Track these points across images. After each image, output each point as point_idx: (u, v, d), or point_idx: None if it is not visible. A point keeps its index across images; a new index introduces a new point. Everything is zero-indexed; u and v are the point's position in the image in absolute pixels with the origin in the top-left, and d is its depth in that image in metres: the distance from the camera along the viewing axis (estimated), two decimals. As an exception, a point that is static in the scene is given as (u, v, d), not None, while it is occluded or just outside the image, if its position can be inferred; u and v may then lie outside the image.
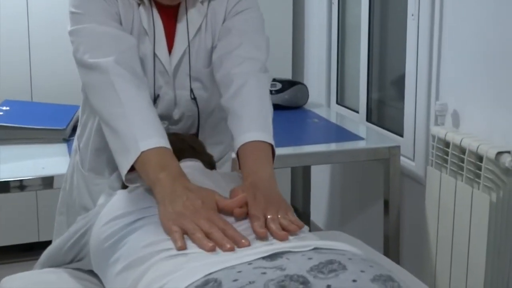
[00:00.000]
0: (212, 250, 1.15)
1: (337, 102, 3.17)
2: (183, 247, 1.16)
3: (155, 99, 1.58)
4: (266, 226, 1.22)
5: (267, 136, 1.45)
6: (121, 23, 1.53)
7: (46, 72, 3.02)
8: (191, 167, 1.46)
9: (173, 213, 1.24)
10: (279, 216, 1.25)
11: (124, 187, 1.46)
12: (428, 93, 2.38)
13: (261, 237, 1.18)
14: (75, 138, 1.81)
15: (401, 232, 2.53)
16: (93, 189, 1.70)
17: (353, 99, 3.06)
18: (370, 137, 2.59)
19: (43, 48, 3.00)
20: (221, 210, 1.27)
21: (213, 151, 1.65)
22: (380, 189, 2.58)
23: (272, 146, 1.45)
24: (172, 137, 1.57)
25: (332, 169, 3.22)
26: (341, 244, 1.15)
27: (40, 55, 3.02)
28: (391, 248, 2.49)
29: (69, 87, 2.99)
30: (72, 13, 1.53)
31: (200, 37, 1.59)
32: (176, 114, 1.62)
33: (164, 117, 1.61)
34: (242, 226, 1.23)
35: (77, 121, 2.51)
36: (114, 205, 1.36)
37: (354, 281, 0.97)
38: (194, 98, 1.61)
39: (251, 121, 1.46)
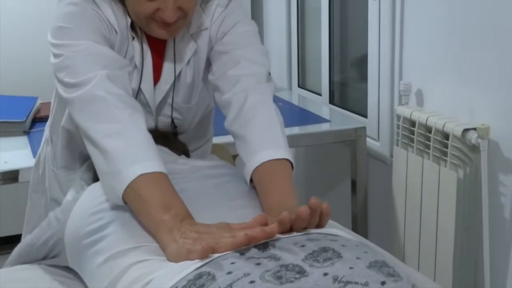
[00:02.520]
0: (245, 241, 1.03)
1: (298, 85, 3.16)
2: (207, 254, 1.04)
3: None
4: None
5: (279, 151, 1.31)
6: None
7: (1, 65, 2.94)
8: (161, 150, 1.43)
9: (188, 242, 1.08)
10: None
11: (96, 180, 1.43)
12: (392, 73, 2.39)
13: (285, 222, 1.08)
14: (47, 127, 1.75)
15: (368, 213, 2.55)
16: (64, 185, 1.66)
17: (315, 82, 3.05)
18: (335, 119, 2.59)
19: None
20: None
21: (189, 145, 1.64)
22: (346, 170, 2.59)
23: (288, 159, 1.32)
24: None
25: (296, 153, 3.22)
26: (332, 229, 1.14)
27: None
28: (359, 228, 2.50)
29: (26, 78, 2.92)
30: (60, 27, 1.41)
31: (189, 71, 1.54)
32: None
33: None
34: None
35: (36, 113, 2.47)
36: (89, 196, 1.32)
37: (350, 268, 0.97)
38: (175, 126, 1.58)
39: (258, 140, 1.32)
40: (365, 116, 2.60)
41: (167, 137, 1.53)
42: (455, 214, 2.01)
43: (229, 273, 0.97)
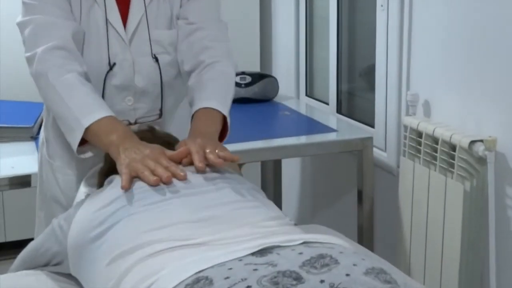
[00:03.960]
0: (156, 183, 1.31)
1: (306, 94, 3.16)
2: (125, 187, 1.31)
3: (112, 67, 1.62)
4: (206, 158, 1.38)
5: (221, 106, 1.57)
6: None
7: (10, 70, 2.96)
8: None
9: (126, 159, 1.38)
10: (217, 150, 1.40)
11: (100, 186, 1.44)
12: (399, 83, 2.39)
13: (200, 171, 1.36)
14: (42, 130, 1.81)
15: (374, 223, 2.54)
16: (61, 180, 1.69)
17: (322, 91, 3.06)
18: (342, 128, 2.59)
19: (7, 45, 2.94)
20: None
21: (176, 124, 1.72)
22: (353, 180, 2.59)
23: (225, 118, 1.59)
24: (147, 133, 1.56)
25: (302, 162, 3.22)
26: (330, 237, 1.14)
27: (4, 53, 2.95)
28: (365, 239, 2.49)
29: (34, 84, 2.94)
30: (23, 3, 1.60)
31: (158, 1, 1.64)
32: (138, 82, 1.65)
33: (127, 87, 1.64)
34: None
35: (44, 118, 2.49)
36: (90, 204, 1.34)
37: (347, 275, 0.97)
38: (156, 60, 1.65)
39: (212, 92, 1.59)
40: (373, 126, 2.60)
41: (170, 144, 1.54)
42: (461, 226, 2.00)
43: (227, 278, 0.98)
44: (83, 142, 1.50)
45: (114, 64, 1.61)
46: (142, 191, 1.30)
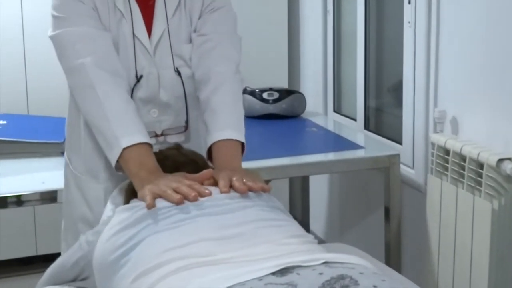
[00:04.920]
0: (180, 201, 1.32)
1: (334, 110, 3.16)
2: (150, 205, 1.32)
3: (139, 79, 1.64)
4: (231, 186, 1.38)
5: (239, 135, 1.59)
6: (97, 11, 1.60)
7: (42, 85, 3.01)
8: None
9: (149, 184, 1.40)
10: (244, 180, 1.40)
11: (127, 203, 1.46)
12: (427, 100, 2.38)
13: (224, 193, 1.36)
14: (65, 151, 1.83)
15: (402, 241, 2.52)
16: (88, 194, 1.70)
17: (350, 107, 3.05)
18: (369, 145, 2.58)
19: (39, 61, 2.99)
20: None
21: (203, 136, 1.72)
22: (380, 197, 2.58)
23: (243, 143, 1.60)
24: (174, 151, 1.58)
25: (330, 178, 3.21)
26: (351, 257, 1.14)
27: (35, 68, 3.01)
28: (392, 256, 2.48)
29: (65, 99, 2.98)
30: (53, 16, 1.61)
31: (180, 16, 1.67)
32: (163, 96, 1.67)
33: (152, 100, 1.66)
34: None
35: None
36: (115, 221, 1.35)
37: None
38: (179, 74, 1.67)
39: (226, 120, 1.60)
40: (400, 142, 2.59)
41: (196, 162, 1.56)
42: (490, 245, 1.98)
43: None
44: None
45: (141, 76, 1.64)
46: (167, 210, 1.31)
